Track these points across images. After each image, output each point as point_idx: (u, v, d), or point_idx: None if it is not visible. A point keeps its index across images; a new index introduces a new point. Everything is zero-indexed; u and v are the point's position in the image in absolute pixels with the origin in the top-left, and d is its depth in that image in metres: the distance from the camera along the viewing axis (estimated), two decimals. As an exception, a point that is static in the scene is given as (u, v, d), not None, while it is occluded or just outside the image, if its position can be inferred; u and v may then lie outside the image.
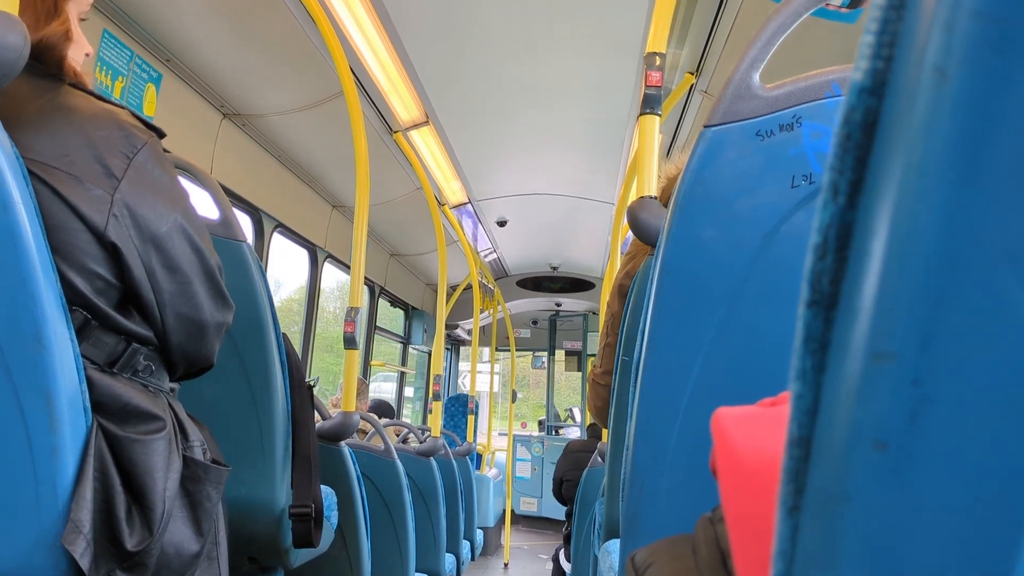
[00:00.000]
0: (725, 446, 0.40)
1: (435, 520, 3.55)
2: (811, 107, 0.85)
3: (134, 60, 2.92)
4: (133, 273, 1.06)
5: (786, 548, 0.28)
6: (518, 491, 8.66)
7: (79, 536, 0.92)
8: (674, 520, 0.89)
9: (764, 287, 0.86)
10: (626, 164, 4.70)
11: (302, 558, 1.82)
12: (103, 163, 1.04)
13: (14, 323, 0.92)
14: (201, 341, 1.20)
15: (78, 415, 0.96)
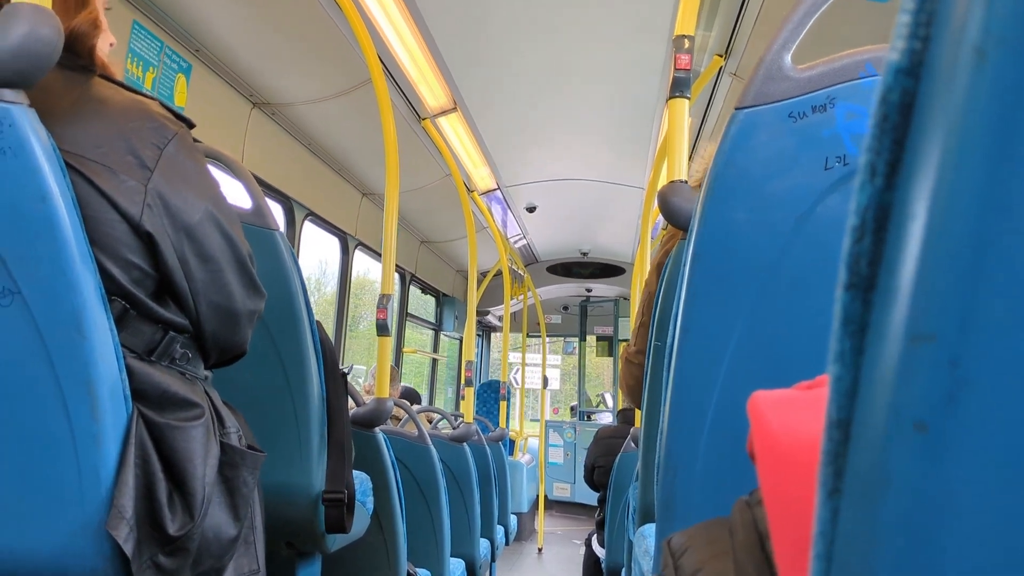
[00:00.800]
0: (762, 429, 0.40)
1: (469, 505, 3.57)
2: (845, 88, 0.84)
3: (164, 51, 2.94)
4: (167, 262, 1.08)
5: (826, 530, 0.28)
6: (551, 477, 8.68)
7: (122, 521, 0.94)
8: (709, 504, 0.89)
9: (798, 270, 0.85)
10: (655, 148, 4.67)
11: (339, 543, 1.84)
12: (136, 154, 1.06)
13: (55, 314, 0.94)
14: (234, 329, 1.21)
15: (119, 403, 0.98)
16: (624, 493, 3.13)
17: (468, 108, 4.23)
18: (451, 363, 8.70)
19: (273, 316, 1.67)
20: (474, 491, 3.62)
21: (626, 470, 3.11)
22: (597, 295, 9.27)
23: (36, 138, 0.93)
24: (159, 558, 0.99)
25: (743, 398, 0.88)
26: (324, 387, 1.72)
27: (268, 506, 1.48)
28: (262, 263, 1.66)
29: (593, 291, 9.01)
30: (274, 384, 1.67)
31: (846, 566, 0.27)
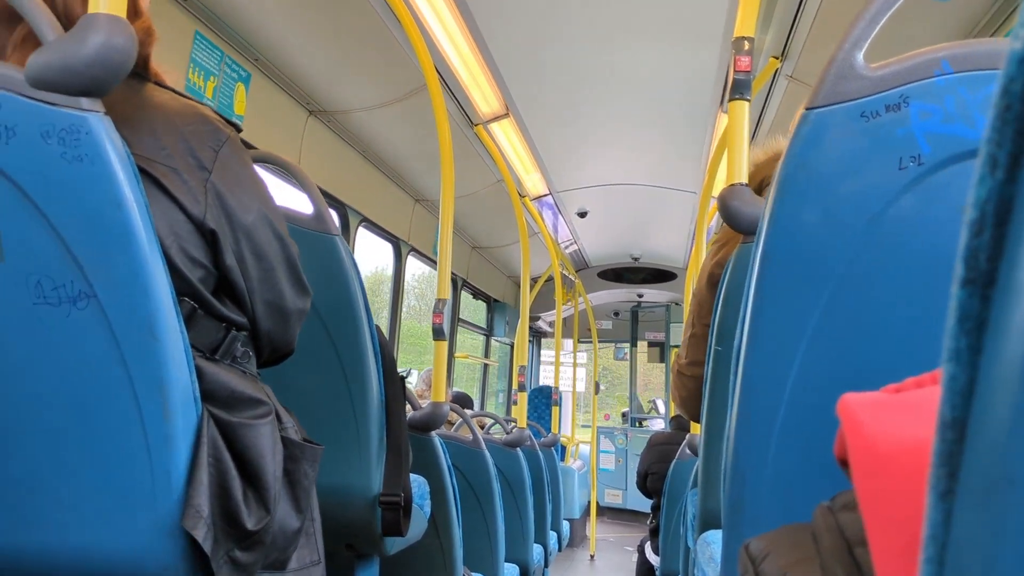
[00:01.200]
0: (857, 432, 0.40)
1: (523, 510, 3.57)
2: (919, 86, 0.82)
3: (224, 60, 3.00)
4: (226, 261, 1.10)
5: (938, 533, 0.27)
6: (602, 483, 8.64)
7: (200, 520, 0.95)
8: (778, 510, 0.87)
9: (871, 272, 0.83)
10: (709, 152, 4.63)
11: (397, 546, 1.85)
12: (195, 155, 1.08)
13: (129, 317, 0.96)
14: (285, 327, 1.24)
15: (189, 404, 0.99)
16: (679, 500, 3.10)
17: (520, 113, 4.24)
18: (502, 368, 8.71)
19: (333, 319, 1.69)
20: (527, 496, 3.61)
21: (681, 477, 3.08)
22: (648, 300, 9.21)
23: (112, 145, 0.95)
24: (235, 553, 1.01)
25: (814, 402, 0.87)
26: (383, 390, 1.74)
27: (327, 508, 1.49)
28: (322, 267, 1.68)
29: (644, 296, 8.96)
30: (334, 387, 1.69)
31: (963, 569, 0.26)
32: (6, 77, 0.94)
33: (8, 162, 0.94)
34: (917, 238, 0.82)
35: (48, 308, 0.96)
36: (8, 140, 0.94)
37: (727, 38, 3.41)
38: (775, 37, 3.31)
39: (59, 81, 0.93)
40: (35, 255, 0.95)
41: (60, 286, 0.95)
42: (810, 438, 0.86)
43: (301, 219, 1.70)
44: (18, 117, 0.94)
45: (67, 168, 0.94)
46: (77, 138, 0.94)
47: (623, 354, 9.94)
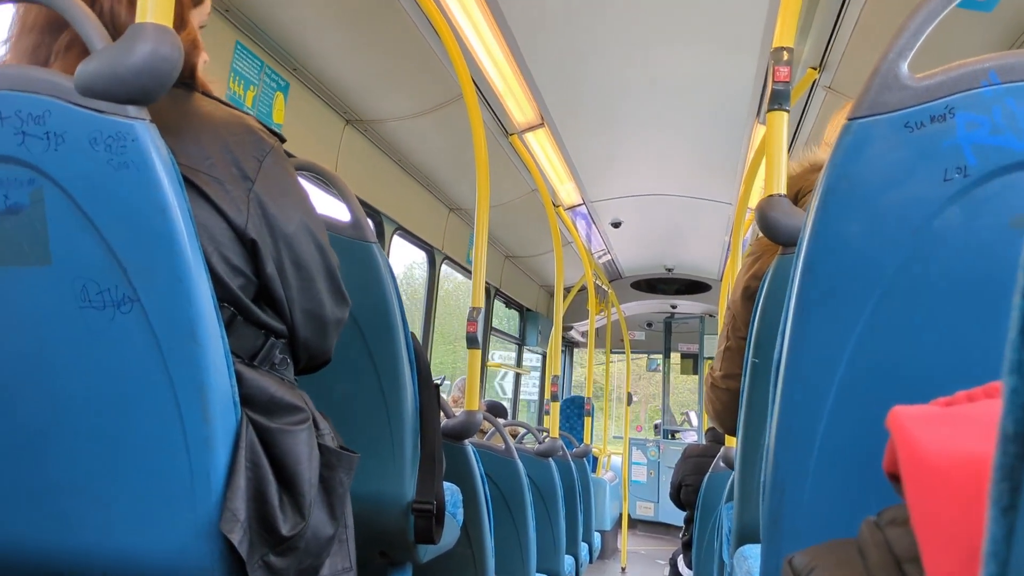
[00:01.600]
0: (909, 446, 0.39)
1: (554, 521, 3.55)
2: (965, 97, 0.81)
3: (264, 70, 3.04)
4: (266, 270, 1.12)
5: (999, 549, 0.27)
6: (634, 495, 8.58)
7: (237, 524, 0.96)
8: (819, 525, 0.86)
9: (914, 285, 0.82)
10: (744, 163, 4.60)
11: (430, 553, 1.85)
12: (238, 165, 1.09)
13: (171, 321, 0.97)
14: (323, 336, 1.24)
15: (228, 408, 1.00)
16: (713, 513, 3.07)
17: (555, 123, 4.24)
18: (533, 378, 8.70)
19: (369, 326, 1.70)
20: (559, 507, 3.60)
21: (716, 490, 3.06)
22: (682, 312, 9.15)
23: (157, 153, 0.96)
24: (270, 558, 1.02)
25: (855, 415, 0.86)
26: (418, 398, 1.74)
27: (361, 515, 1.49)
28: (360, 274, 1.70)
29: (678, 308, 8.91)
30: (369, 394, 1.70)
31: (1025, 587, 0.26)
32: (56, 85, 0.96)
33: (57, 168, 0.96)
34: (962, 250, 0.81)
35: (93, 312, 0.97)
36: (57, 147, 0.96)
37: (764, 48, 3.39)
38: (813, 47, 3.28)
39: (107, 89, 0.95)
40: (81, 259, 0.97)
41: (105, 290, 0.97)
42: (851, 452, 0.85)
43: (339, 227, 1.72)
44: (67, 124, 0.96)
45: (113, 174, 0.96)
46: (123, 145, 0.96)
47: (656, 365, 9.88)
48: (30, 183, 0.97)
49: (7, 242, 0.98)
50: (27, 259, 0.98)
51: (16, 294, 0.99)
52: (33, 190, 0.97)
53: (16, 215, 0.98)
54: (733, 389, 1.67)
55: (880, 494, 0.84)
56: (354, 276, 1.68)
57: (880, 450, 0.85)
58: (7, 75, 0.98)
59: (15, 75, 0.98)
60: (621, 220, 6.25)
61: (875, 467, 0.84)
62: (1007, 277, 0.80)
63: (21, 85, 0.97)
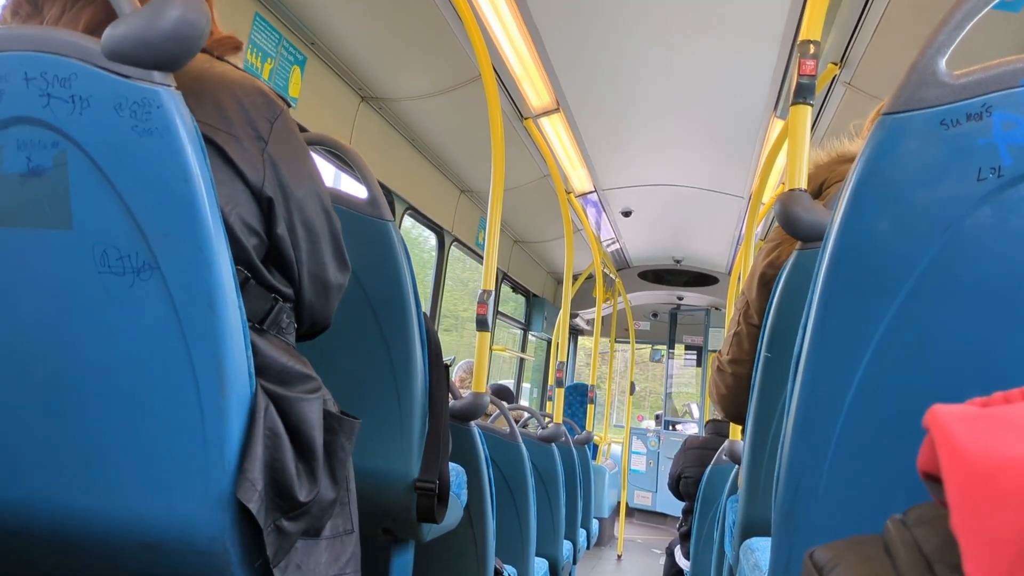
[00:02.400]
0: (952, 446, 0.38)
1: (555, 506, 3.57)
2: (1003, 96, 0.80)
3: (282, 43, 3.03)
4: (277, 230, 1.12)
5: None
6: (633, 484, 8.61)
7: (255, 493, 0.97)
8: (833, 520, 0.86)
9: (943, 284, 0.81)
10: (759, 156, 4.58)
11: (433, 532, 1.86)
12: (253, 125, 1.10)
13: (190, 290, 0.97)
14: (326, 300, 1.25)
15: (244, 379, 1.00)
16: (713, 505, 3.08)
17: (570, 108, 4.22)
18: (537, 364, 8.71)
19: (382, 304, 1.70)
20: (560, 492, 3.61)
21: (717, 483, 3.06)
22: (688, 304, 9.15)
23: (181, 120, 0.96)
24: (282, 522, 1.03)
25: (875, 413, 0.85)
26: (427, 377, 1.74)
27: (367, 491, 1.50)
28: (375, 252, 1.69)
29: (684, 299, 8.90)
30: (380, 371, 1.70)
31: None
32: (84, 48, 0.95)
33: (81, 132, 0.96)
34: (993, 251, 0.80)
35: (112, 277, 0.97)
36: (82, 111, 0.95)
37: (785, 41, 3.37)
38: (835, 43, 3.26)
39: (134, 54, 0.94)
40: (103, 225, 0.96)
41: (125, 256, 0.97)
42: (869, 449, 0.85)
43: (356, 203, 1.71)
44: (93, 88, 0.95)
45: (137, 141, 0.95)
46: (148, 112, 0.95)
47: (659, 356, 9.88)
48: (54, 146, 0.97)
49: (29, 204, 0.98)
50: (48, 222, 0.98)
51: (36, 257, 0.99)
52: (57, 153, 0.97)
53: (39, 177, 0.97)
54: (739, 374, 1.67)
55: (896, 491, 0.83)
56: (369, 253, 1.68)
57: (898, 448, 0.85)
58: (34, 37, 0.97)
59: (43, 37, 0.97)
60: (632, 209, 6.24)
61: (892, 464, 0.84)
62: (1037, 280, 0.79)
63: (48, 47, 0.96)
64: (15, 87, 0.97)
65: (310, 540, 1.15)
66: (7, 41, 0.98)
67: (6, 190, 0.99)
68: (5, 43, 0.98)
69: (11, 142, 0.98)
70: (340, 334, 1.55)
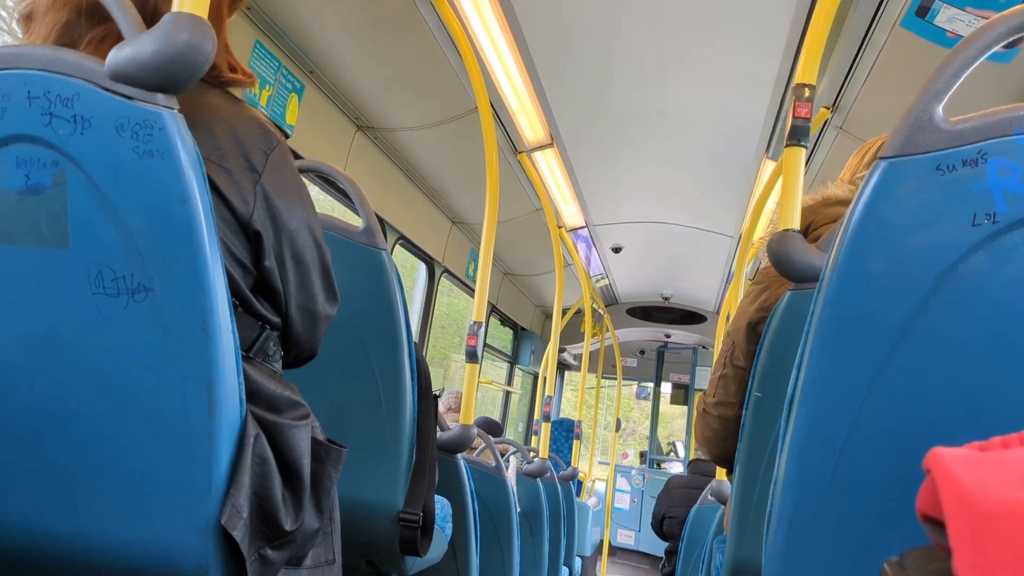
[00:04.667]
0: (954, 489, 0.38)
1: (538, 542, 3.53)
2: (998, 143, 0.81)
3: (280, 71, 3.05)
4: (265, 262, 1.12)
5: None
6: (616, 522, 8.55)
7: (240, 520, 0.96)
8: (825, 563, 0.85)
9: (935, 328, 0.82)
10: (751, 197, 4.62)
11: (417, 566, 1.84)
12: (247, 158, 1.10)
13: (184, 313, 0.96)
14: (313, 330, 1.25)
15: (234, 404, 0.99)
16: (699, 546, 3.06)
17: (564, 144, 4.25)
18: (523, 397, 8.68)
19: (373, 333, 1.70)
20: (544, 528, 3.58)
21: (702, 523, 3.04)
22: (676, 342, 9.15)
23: (183, 143, 0.96)
24: (266, 551, 1.02)
25: (869, 454, 0.85)
26: (416, 407, 1.73)
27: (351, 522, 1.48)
28: (368, 280, 1.69)
29: (672, 337, 8.91)
30: (369, 401, 1.69)
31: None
32: (88, 68, 0.96)
33: (81, 152, 0.96)
34: (986, 297, 0.81)
35: (106, 298, 0.97)
36: (83, 131, 0.95)
37: (779, 84, 3.41)
38: (828, 88, 3.31)
39: (138, 76, 0.94)
40: (99, 245, 0.96)
41: (120, 277, 0.96)
42: (863, 490, 0.85)
43: (351, 232, 1.71)
44: (95, 109, 0.96)
45: (138, 162, 0.95)
46: (150, 133, 0.95)
47: (646, 393, 9.86)
48: (53, 165, 0.96)
49: (26, 222, 0.98)
50: (45, 241, 0.97)
51: (30, 275, 0.98)
52: (56, 172, 0.97)
53: (37, 196, 0.97)
54: (725, 417, 1.67)
55: (891, 534, 0.83)
56: (363, 281, 1.68)
57: (893, 490, 0.85)
58: (41, 56, 0.98)
59: (49, 57, 0.97)
60: (622, 245, 6.26)
61: (886, 507, 0.84)
62: (1031, 326, 0.80)
63: (53, 66, 0.96)
64: (17, 105, 0.97)
65: (291, 570, 1.13)
66: (12, 60, 0.98)
67: (3, 207, 0.98)
68: (10, 61, 0.98)
69: (11, 159, 0.98)
70: (330, 361, 1.55)
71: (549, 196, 4.86)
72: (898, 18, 2.66)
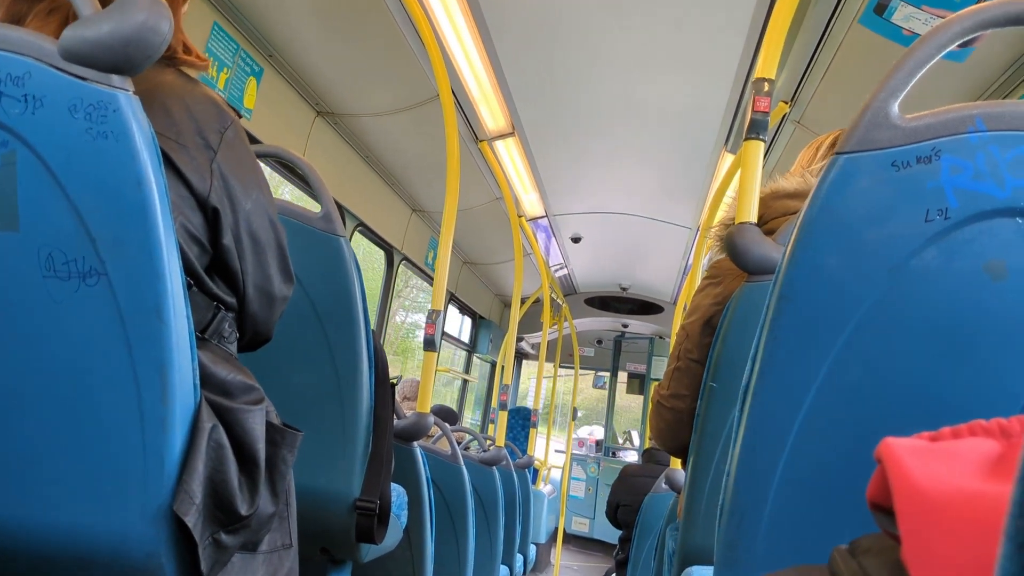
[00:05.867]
0: (904, 478, 0.39)
1: (493, 530, 3.54)
2: (952, 141, 0.83)
3: (239, 53, 3.00)
4: (223, 240, 1.12)
5: (1011, 584, 0.27)
6: (571, 510, 8.61)
7: (192, 506, 0.95)
8: (776, 551, 0.87)
9: (887, 321, 0.83)
10: (709, 189, 4.66)
11: (373, 553, 1.83)
12: (202, 135, 1.09)
13: (138, 298, 0.95)
14: (269, 312, 1.25)
15: (188, 389, 0.98)
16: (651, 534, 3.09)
17: (526, 134, 4.25)
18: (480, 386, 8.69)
19: (331, 319, 1.69)
20: (499, 516, 3.60)
21: (656, 511, 3.08)
22: (633, 331, 9.22)
23: (138, 125, 0.94)
24: (220, 536, 1.01)
25: (820, 445, 0.87)
26: (373, 395, 1.73)
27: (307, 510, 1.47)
28: (326, 267, 1.68)
29: (629, 327, 8.97)
30: (326, 388, 1.68)
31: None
32: (38, 47, 0.94)
33: (33, 133, 0.93)
34: (937, 291, 0.83)
35: (57, 282, 0.95)
36: (35, 111, 0.93)
37: (739, 79, 3.44)
38: (787, 82, 3.34)
39: (93, 56, 0.92)
40: (50, 227, 0.94)
41: (71, 260, 0.94)
42: (813, 480, 0.86)
43: (309, 218, 1.70)
44: (47, 88, 0.93)
45: (91, 144, 0.93)
46: (104, 115, 0.93)
47: (602, 382, 9.93)
48: (3, 145, 0.94)
49: (-27, 203, 0.95)
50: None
51: (-22, 257, 0.96)
52: (5, 152, 0.94)
53: (-15, 176, 0.95)
54: (678, 409, 1.68)
55: (840, 522, 0.85)
56: (320, 268, 1.67)
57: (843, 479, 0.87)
58: (-11, 32, 0.95)
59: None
60: (581, 235, 6.29)
61: (837, 495, 0.86)
62: (977, 320, 0.82)
63: (4, 44, 0.94)
64: (-35, 82, 0.95)
65: (247, 554, 1.13)
66: (-40, 36, 0.96)
67: (-50, 187, 0.96)
68: (-42, 38, 0.96)
69: (-42, 139, 0.95)
70: (287, 348, 1.53)
71: (510, 185, 4.86)
72: (856, 15, 2.69)
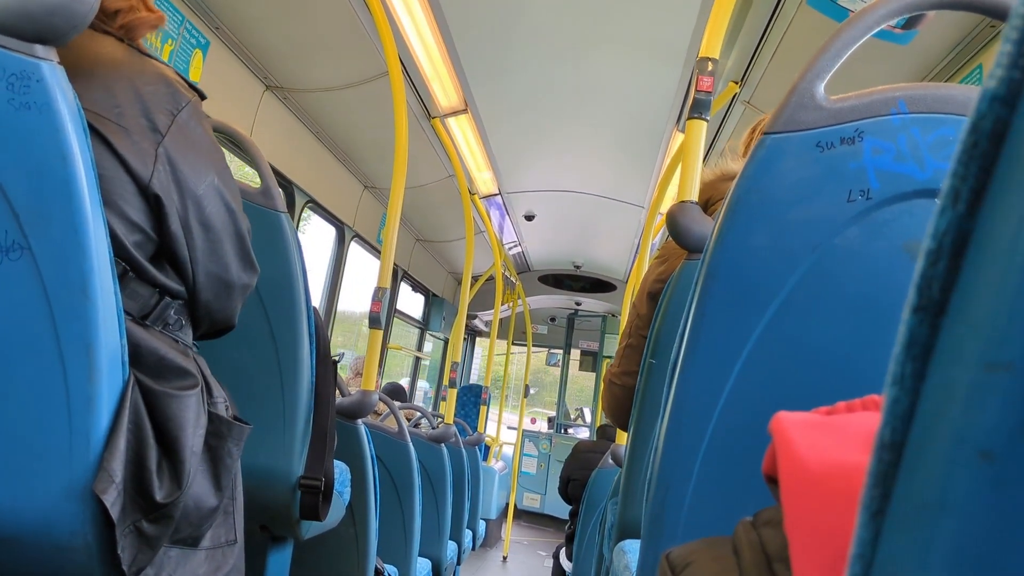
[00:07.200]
0: (788, 451, 0.40)
1: (441, 506, 3.56)
2: (874, 122, 0.84)
3: (184, 24, 2.94)
4: (170, 227, 1.09)
5: (865, 552, 0.28)
6: (522, 486, 8.68)
7: (111, 485, 0.93)
8: (698, 522, 0.89)
9: (810, 298, 0.85)
10: (660, 168, 4.69)
11: (313, 530, 1.83)
12: (149, 117, 1.06)
13: (62, 273, 0.93)
14: (227, 300, 1.22)
15: (116, 368, 0.97)
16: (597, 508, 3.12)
17: (479, 111, 4.23)
18: (433, 363, 8.69)
19: (271, 297, 1.67)
20: (447, 492, 3.61)
21: (601, 486, 3.11)
22: (586, 309, 9.28)
23: (63, 96, 0.92)
24: (142, 524, 0.99)
25: (743, 420, 0.89)
26: (314, 372, 1.72)
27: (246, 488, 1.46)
28: (266, 244, 1.66)
29: (582, 305, 9.03)
30: (265, 364, 1.66)
31: (887, 588, 0.27)
32: (-44, 13, 0.91)
33: (-50, 101, 0.91)
34: (858, 270, 0.85)
35: (-23, 255, 0.93)
36: (-48, 78, 0.91)
37: (689, 59, 3.46)
38: (736, 63, 3.37)
39: (15, 25, 0.90)
40: (-31, 200, 0.92)
41: (-7, 234, 0.92)
42: (735, 454, 0.88)
43: (249, 193, 1.68)
44: (-35, 56, 0.91)
45: (13, 115, 0.91)
46: (27, 85, 0.91)
47: (556, 360, 9.99)
48: (-81, 114, 0.92)
49: None
50: (-91, 193, 0.92)
51: None
52: (-78, 121, 0.92)
53: (-100, 146, 0.92)
54: (629, 386, 1.70)
55: (759, 496, 0.87)
56: (260, 244, 1.64)
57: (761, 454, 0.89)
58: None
59: (-89, -2, 0.92)
60: (535, 213, 6.29)
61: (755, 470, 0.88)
62: (896, 298, 0.84)
63: (-82, 9, 0.91)
64: None
65: (187, 549, 1.11)
66: None
67: None
68: None
69: None
70: (226, 325, 1.51)
71: (462, 162, 4.84)
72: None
